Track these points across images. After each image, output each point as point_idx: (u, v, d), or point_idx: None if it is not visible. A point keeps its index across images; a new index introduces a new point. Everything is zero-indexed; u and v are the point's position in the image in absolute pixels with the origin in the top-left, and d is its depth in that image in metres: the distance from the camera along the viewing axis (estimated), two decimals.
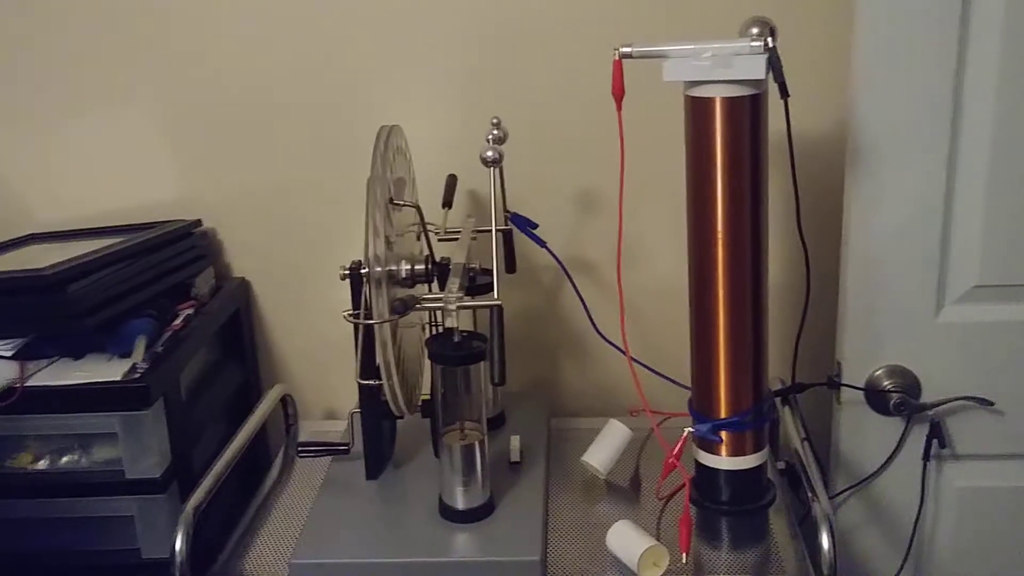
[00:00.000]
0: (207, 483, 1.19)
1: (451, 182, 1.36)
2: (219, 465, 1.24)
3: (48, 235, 1.49)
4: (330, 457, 1.31)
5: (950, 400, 1.29)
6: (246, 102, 1.46)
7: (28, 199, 1.52)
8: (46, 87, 1.47)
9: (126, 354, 1.25)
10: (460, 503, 1.15)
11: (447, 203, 1.33)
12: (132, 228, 1.45)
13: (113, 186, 1.51)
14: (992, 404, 1.28)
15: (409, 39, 1.42)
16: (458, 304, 1.10)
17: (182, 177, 1.50)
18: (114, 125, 1.48)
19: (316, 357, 1.56)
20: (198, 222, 1.49)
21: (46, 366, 1.25)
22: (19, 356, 1.24)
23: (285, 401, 1.48)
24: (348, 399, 1.52)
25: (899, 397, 1.28)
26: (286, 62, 1.44)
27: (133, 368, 1.23)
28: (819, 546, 1.07)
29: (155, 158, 1.49)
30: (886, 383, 1.30)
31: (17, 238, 1.49)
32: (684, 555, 1.10)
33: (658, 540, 1.10)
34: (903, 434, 1.31)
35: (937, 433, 1.30)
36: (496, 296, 1.13)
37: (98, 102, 1.47)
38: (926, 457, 1.31)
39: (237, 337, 1.51)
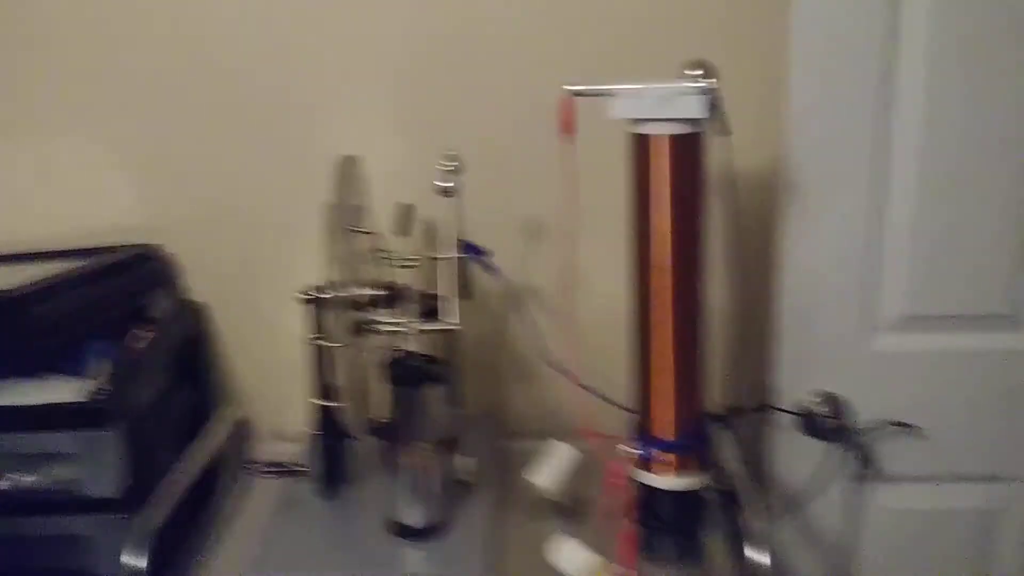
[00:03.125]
0: (167, 502, 1.22)
1: (407, 211, 1.40)
2: (179, 484, 1.26)
3: (5, 257, 1.50)
4: (283, 479, 1.34)
5: (878, 425, 1.35)
6: (205, 128, 1.49)
7: None
8: (7, 111, 1.49)
9: (84, 375, 1.27)
10: (413, 521, 1.19)
11: (404, 231, 1.37)
12: (89, 252, 1.46)
13: (69, 210, 1.52)
14: (918, 429, 1.35)
15: (366, 73, 1.47)
16: (417, 328, 1.14)
17: (139, 202, 1.52)
18: (74, 149, 1.50)
19: (270, 380, 1.59)
20: (156, 246, 1.51)
21: (5, 386, 1.26)
22: None
23: (240, 423, 1.50)
24: (300, 421, 1.55)
25: (830, 422, 1.34)
26: (247, 92, 1.48)
27: (94, 389, 1.25)
28: (758, 564, 1.11)
29: (112, 182, 1.52)
30: (818, 408, 1.35)
31: None
32: (627, 571, 1.14)
33: (601, 556, 1.14)
34: (834, 457, 1.37)
35: (866, 456, 1.36)
36: (455, 320, 1.17)
37: (59, 126, 1.50)
38: (856, 479, 1.37)
39: (193, 360, 1.53)
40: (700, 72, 1.13)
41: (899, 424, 1.35)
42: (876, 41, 1.23)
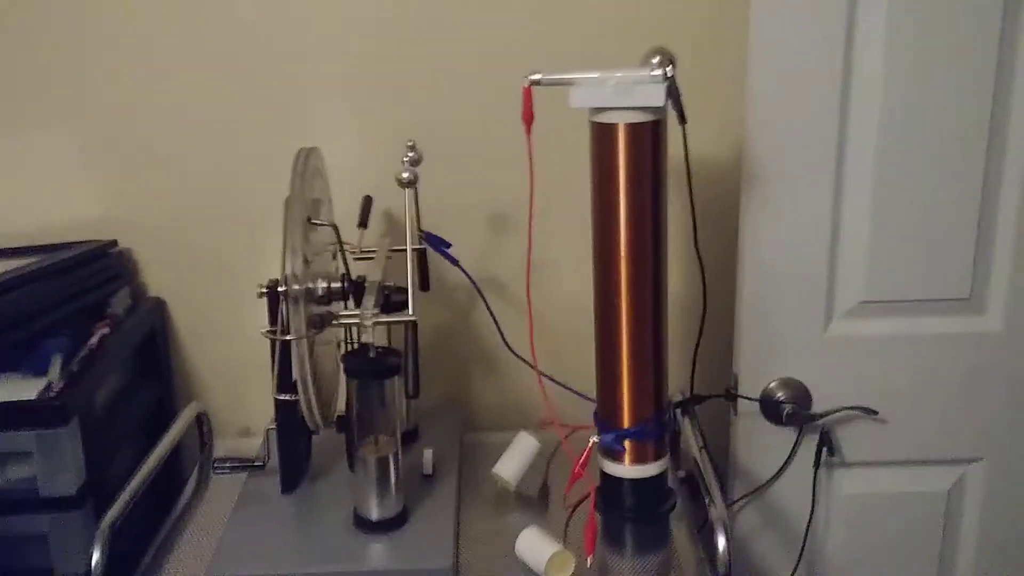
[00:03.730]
0: (123, 499, 1.20)
1: (367, 203, 1.40)
2: (135, 482, 1.25)
3: None
4: (246, 473, 1.33)
5: (836, 410, 1.36)
6: (162, 122, 1.48)
7: None
8: None
9: (41, 373, 1.26)
10: (374, 514, 1.18)
11: (363, 223, 1.37)
12: (46, 248, 1.45)
13: (25, 206, 1.51)
14: (876, 413, 1.36)
15: (325, 65, 1.46)
16: (374, 320, 1.14)
17: (96, 197, 1.51)
18: (28, 145, 1.49)
19: (230, 376, 1.58)
20: (113, 242, 1.50)
21: None
22: None
23: (200, 419, 1.49)
24: (262, 417, 1.54)
25: (791, 408, 1.35)
26: (204, 84, 1.47)
27: (49, 387, 1.23)
28: (715, 549, 1.12)
29: (69, 178, 1.50)
30: (779, 394, 1.36)
31: None
32: (588, 559, 1.15)
33: (565, 546, 1.14)
34: (795, 443, 1.38)
35: (826, 442, 1.37)
36: (411, 313, 1.17)
37: (11, 122, 1.48)
38: (816, 465, 1.38)
39: (152, 356, 1.52)
40: (659, 60, 1.13)
41: (860, 409, 1.36)
42: (835, 32, 1.24)
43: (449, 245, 1.36)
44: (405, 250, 1.24)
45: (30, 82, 1.46)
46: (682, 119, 1.16)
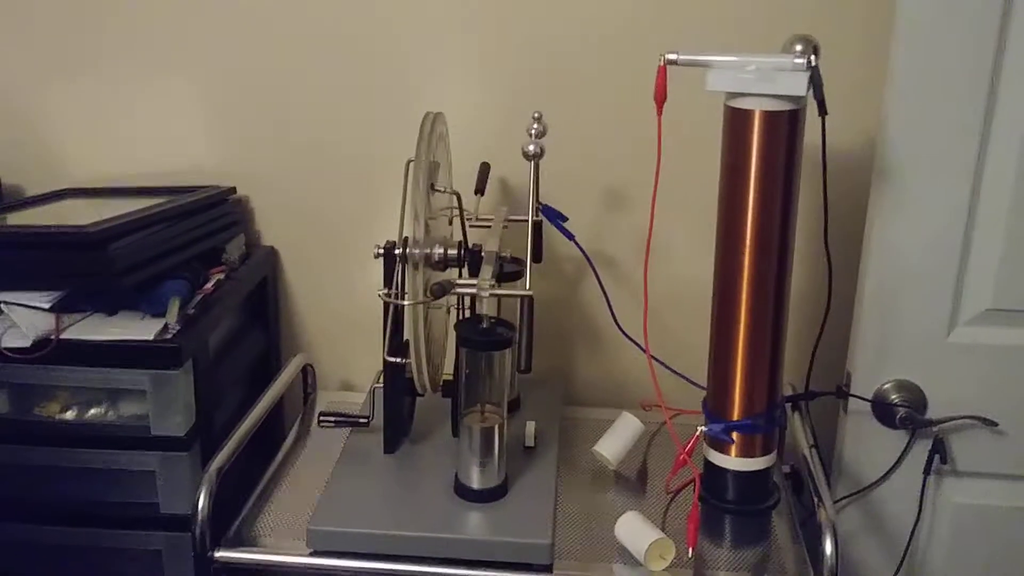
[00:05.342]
0: (231, 445, 1.23)
1: (484, 170, 1.39)
2: (243, 428, 1.27)
3: (84, 191, 1.52)
4: (346, 429, 1.34)
5: (955, 418, 1.32)
6: (289, 76, 1.49)
7: (65, 154, 1.55)
8: (94, 49, 1.50)
9: (159, 314, 1.28)
10: (475, 483, 1.19)
11: (480, 190, 1.36)
12: (167, 191, 1.48)
13: (150, 148, 1.54)
14: (996, 424, 1.31)
15: (455, 27, 1.45)
16: (491, 292, 1.13)
17: (218, 144, 1.53)
18: (157, 90, 1.51)
19: (336, 329, 1.60)
20: (232, 189, 1.52)
21: (80, 320, 1.28)
22: (55, 309, 1.26)
23: (305, 371, 1.51)
24: (364, 371, 1.57)
25: (905, 411, 1.31)
26: (331, 39, 1.46)
27: (166, 328, 1.26)
28: (822, 551, 1.10)
29: (193, 124, 1.52)
30: (893, 397, 1.32)
31: (53, 192, 1.52)
32: (690, 549, 1.13)
33: (663, 533, 1.13)
34: (906, 447, 1.34)
35: (939, 449, 1.33)
36: (528, 287, 1.16)
37: (143, 67, 1.50)
38: (927, 471, 1.34)
39: (262, 304, 1.54)
40: (802, 48, 1.10)
41: (979, 418, 1.31)
42: (986, 23, 1.18)
43: (565, 219, 1.34)
44: (521, 220, 1.23)
45: (161, 28, 1.48)
46: (822, 110, 1.12)
